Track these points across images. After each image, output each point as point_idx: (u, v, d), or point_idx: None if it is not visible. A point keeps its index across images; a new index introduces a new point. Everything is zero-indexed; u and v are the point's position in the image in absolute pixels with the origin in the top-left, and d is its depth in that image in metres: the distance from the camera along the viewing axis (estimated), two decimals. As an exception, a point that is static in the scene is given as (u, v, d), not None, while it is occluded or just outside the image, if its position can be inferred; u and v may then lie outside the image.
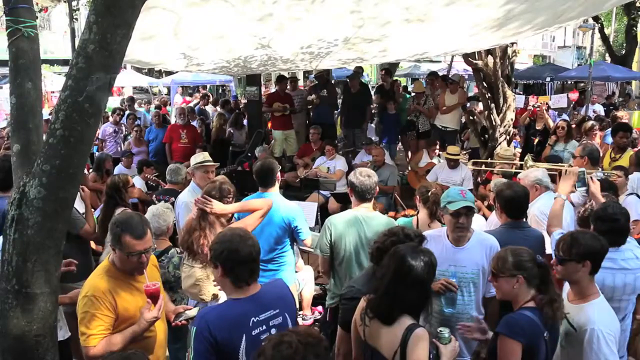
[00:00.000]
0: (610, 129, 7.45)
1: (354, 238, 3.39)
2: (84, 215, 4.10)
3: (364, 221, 3.40)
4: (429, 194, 3.75)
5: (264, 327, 2.26)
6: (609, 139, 6.98)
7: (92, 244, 4.45)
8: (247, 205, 3.52)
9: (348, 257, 3.40)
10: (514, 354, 2.34)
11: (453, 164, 6.65)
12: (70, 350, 3.66)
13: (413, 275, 2.25)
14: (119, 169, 7.50)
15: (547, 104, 9.43)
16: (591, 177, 3.53)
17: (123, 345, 2.47)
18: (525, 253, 2.50)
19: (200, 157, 4.57)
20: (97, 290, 2.50)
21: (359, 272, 3.34)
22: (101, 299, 2.47)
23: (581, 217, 3.58)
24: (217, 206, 3.32)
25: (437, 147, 8.07)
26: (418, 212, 3.94)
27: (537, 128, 8.46)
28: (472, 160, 6.10)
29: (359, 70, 10.12)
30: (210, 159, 4.61)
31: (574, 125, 8.21)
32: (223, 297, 3.26)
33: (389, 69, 11.35)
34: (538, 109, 8.32)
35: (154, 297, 2.58)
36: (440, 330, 2.40)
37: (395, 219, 4.19)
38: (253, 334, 2.22)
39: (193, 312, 2.80)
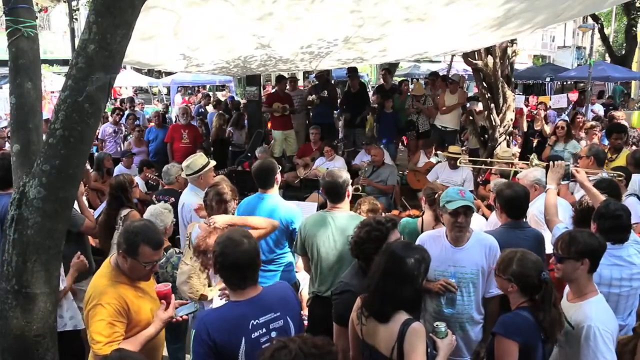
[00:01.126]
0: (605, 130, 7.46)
1: (323, 239, 3.38)
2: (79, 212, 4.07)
3: (332, 222, 3.39)
4: (436, 196, 3.73)
5: (264, 330, 2.25)
6: (606, 140, 6.99)
7: (91, 241, 4.43)
8: (247, 222, 3.46)
9: (317, 258, 3.40)
10: (510, 354, 2.34)
11: (453, 162, 6.66)
12: (82, 340, 3.64)
13: (403, 271, 2.25)
14: (119, 169, 7.49)
15: (544, 104, 9.45)
16: (576, 169, 3.58)
17: (140, 348, 2.47)
18: (531, 267, 2.45)
19: (200, 161, 4.42)
20: (108, 297, 2.48)
21: (327, 271, 3.36)
22: (114, 305, 2.46)
23: (577, 210, 3.54)
24: (219, 220, 3.32)
25: (434, 146, 8.07)
26: (423, 213, 3.92)
27: (535, 129, 8.47)
28: (470, 159, 6.10)
29: (354, 70, 10.10)
30: (204, 159, 4.48)
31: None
32: (216, 299, 3.26)
33: (388, 69, 11.35)
34: (536, 114, 8.33)
35: (166, 297, 2.61)
36: (437, 325, 2.41)
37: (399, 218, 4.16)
38: (252, 336, 2.21)
39: (191, 306, 2.80)
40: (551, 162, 3.59)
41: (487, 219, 4.39)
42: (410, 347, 2.17)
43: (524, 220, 3.54)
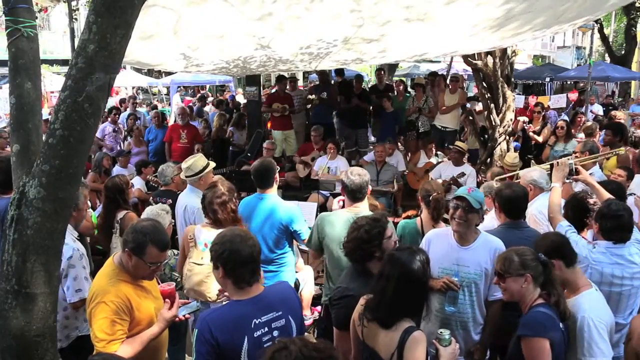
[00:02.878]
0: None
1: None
2: None
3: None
4: (430, 198, 3.72)
5: (266, 329, 2.25)
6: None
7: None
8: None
9: (337, 257, 3.36)
10: (544, 352, 2.34)
11: (458, 156, 6.69)
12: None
13: (415, 279, 2.26)
14: (116, 168, 7.49)
15: (542, 105, 9.45)
16: (579, 168, 3.61)
17: (143, 346, 2.48)
18: (529, 252, 2.54)
19: (201, 162, 4.39)
20: (111, 295, 2.49)
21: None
22: (118, 303, 2.47)
23: (567, 208, 3.54)
24: None
25: (434, 145, 8.08)
26: (421, 212, 3.92)
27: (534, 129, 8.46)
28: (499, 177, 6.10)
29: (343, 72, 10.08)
30: (204, 161, 4.44)
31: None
32: None
33: (382, 69, 11.33)
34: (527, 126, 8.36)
35: (170, 296, 2.63)
36: (440, 332, 2.38)
37: (395, 224, 4.10)
38: (255, 335, 2.21)
39: (193, 306, 2.80)
40: (555, 161, 3.61)
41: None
42: (411, 355, 2.16)
43: (523, 220, 3.54)
